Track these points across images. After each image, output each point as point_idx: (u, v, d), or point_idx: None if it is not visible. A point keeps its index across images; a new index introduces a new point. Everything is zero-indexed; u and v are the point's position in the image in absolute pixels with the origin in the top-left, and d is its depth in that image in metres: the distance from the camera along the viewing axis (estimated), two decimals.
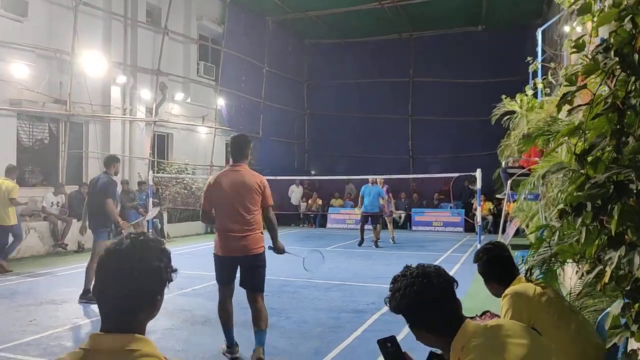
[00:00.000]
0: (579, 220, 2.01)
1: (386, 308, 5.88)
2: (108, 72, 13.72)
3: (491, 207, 16.67)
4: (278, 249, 4.71)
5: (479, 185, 9.97)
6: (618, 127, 2.00)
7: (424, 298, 1.78)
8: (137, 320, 1.49)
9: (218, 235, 4.46)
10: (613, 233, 1.86)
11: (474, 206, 15.63)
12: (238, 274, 4.56)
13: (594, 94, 2.11)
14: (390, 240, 13.63)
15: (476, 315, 5.97)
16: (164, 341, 4.99)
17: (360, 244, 12.88)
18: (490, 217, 16.81)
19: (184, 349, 4.77)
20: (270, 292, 7.26)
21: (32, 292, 7.19)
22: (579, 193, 2.02)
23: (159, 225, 13.75)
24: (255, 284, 4.42)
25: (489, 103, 15.27)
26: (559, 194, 3.22)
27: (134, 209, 13.17)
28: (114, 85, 14.03)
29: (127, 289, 1.45)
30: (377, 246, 12.76)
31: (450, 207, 17.77)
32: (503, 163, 10.19)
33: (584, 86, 2.15)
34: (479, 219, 10.11)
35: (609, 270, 1.90)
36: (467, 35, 20.61)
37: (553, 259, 2.67)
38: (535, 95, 11.35)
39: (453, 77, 20.52)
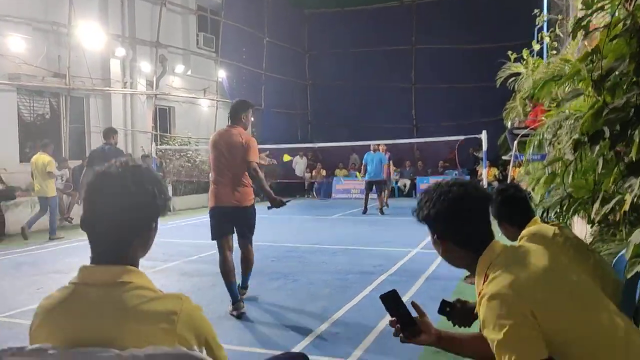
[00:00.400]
0: (597, 149, 1.92)
1: (394, 269, 5.79)
2: (106, 44, 13.53)
3: (496, 173, 16.55)
4: (273, 202, 4.86)
5: (484, 147, 9.84)
6: (638, 49, 1.90)
7: (460, 206, 1.69)
8: (130, 251, 1.41)
9: (212, 189, 4.82)
10: (634, 158, 1.78)
11: (479, 173, 15.53)
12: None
13: (612, 16, 2.00)
14: (380, 209, 12.92)
15: None
16: None
17: (364, 212, 12.84)
18: (495, 183, 16.68)
19: None
20: (276, 257, 7.28)
21: (39, 263, 7.20)
22: (595, 121, 1.93)
23: None
24: (245, 232, 4.88)
25: (493, 69, 15.03)
26: (569, 141, 3.12)
27: None
28: (113, 58, 13.86)
29: (119, 213, 1.35)
30: (382, 213, 12.72)
31: (455, 174, 17.66)
32: (509, 124, 10.04)
33: (601, 8, 2.04)
34: (484, 183, 10.00)
35: (629, 197, 1.82)
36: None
37: (567, 200, 2.59)
38: (541, 54, 11.15)
39: (456, 43, 20.18)
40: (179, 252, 7.58)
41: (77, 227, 11.04)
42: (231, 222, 4.78)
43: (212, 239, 4.79)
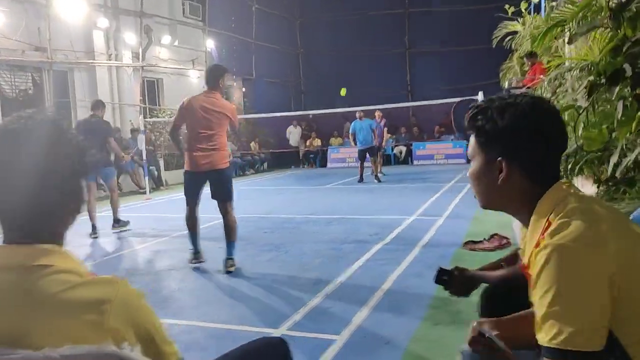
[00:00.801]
0: (616, 90, 1.64)
1: (390, 237, 5.52)
2: (88, 15, 13.03)
3: None
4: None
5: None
6: None
7: (540, 118, 1.28)
8: (48, 226, 1.13)
9: (188, 153, 4.93)
10: None
11: None
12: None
13: None
14: (375, 175, 12.70)
15: (484, 238, 5.75)
16: (162, 282, 4.77)
17: (360, 181, 12.60)
18: None
19: (180, 288, 4.55)
20: (269, 228, 7.07)
21: None
22: (614, 59, 1.65)
23: (156, 173, 13.47)
24: (224, 195, 4.97)
25: (489, 29, 14.61)
26: (580, 87, 2.83)
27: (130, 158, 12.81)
28: (96, 29, 13.40)
29: (31, 178, 1.07)
30: (378, 180, 12.49)
31: (452, 140, 17.41)
32: (506, 84, 9.72)
33: None
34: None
35: None
36: None
37: (573, 156, 2.32)
38: (539, 10, 10.75)
39: (450, 5, 19.67)
40: (170, 227, 7.34)
41: None
42: (204, 185, 5.04)
43: (185, 195, 5.10)
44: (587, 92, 1.74)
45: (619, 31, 1.65)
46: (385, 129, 13.92)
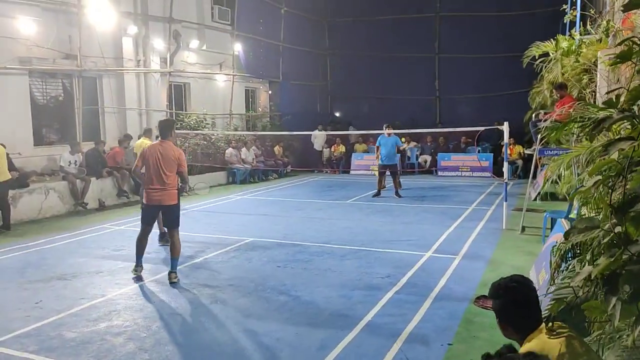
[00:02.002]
0: (613, 300, 1.56)
1: (403, 281, 5.45)
2: (118, 23, 13.22)
3: (521, 151, 15.96)
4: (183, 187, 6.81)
5: (506, 139, 9.31)
6: None
7: (512, 299, 2.31)
8: None
9: (145, 190, 6.28)
10: None
11: (502, 150, 14.99)
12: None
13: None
14: (396, 192, 12.63)
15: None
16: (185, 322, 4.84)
17: (376, 195, 12.55)
18: (520, 162, 16.16)
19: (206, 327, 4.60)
20: (282, 260, 7.08)
21: (44, 263, 7.14)
22: (613, 263, 1.57)
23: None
24: (171, 224, 6.36)
25: (521, 38, 14.28)
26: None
27: None
28: (125, 36, 13.57)
29: None
30: (399, 196, 12.42)
31: (479, 150, 17.13)
32: (532, 116, 9.48)
33: None
34: (506, 175, 9.53)
35: None
36: None
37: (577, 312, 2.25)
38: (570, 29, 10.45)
39: (482, 11, 19.28)
40: (184, 254, 7.39)
41: (90, 213, 11.13)
42: (158, 214, 6.57)
43: (141, 223, 6.44)
44: (583, 282, 1.68)
45: (619, 229, 1.58)
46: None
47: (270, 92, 20.29)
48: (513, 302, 2.28)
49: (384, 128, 12.56)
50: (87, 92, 12.99)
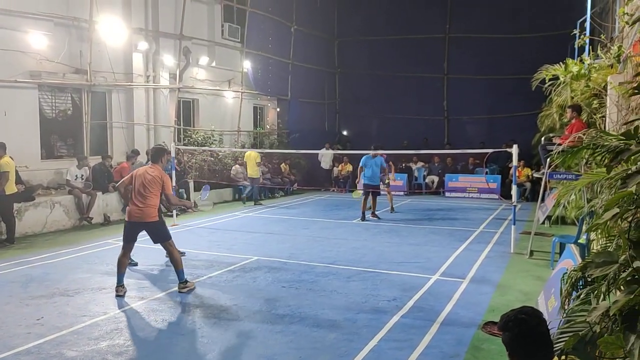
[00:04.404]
0: (632, 338, 1.49)
1: (409, 304, 5.35)
2: (129, 38, 13.34)
3: (529, 174, 15.85)
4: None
5: (514, 161, 9.22)
6: None
7: (518, 334, 2.24)
8: None
9: (129, 207, 6.52)
10: None
11: (510, 172, 14.89)
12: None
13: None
14: (391, 208, 13.56)
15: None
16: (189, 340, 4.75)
17: (362, 219, 12.24)
18: (528, 184, 16.03)
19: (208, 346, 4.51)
20: (288, 281, 6.98)
21: (47, 278, 7.08)
22: (632, 300, 1.50)
23: (184, 196, 13.57)
24: (161, 238, 6.62)
25: (529, 60, 14.29)
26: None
27: None
28: (136, 52, 13.67)
29: None
30: (377, 217, 12.40)
31: (486, 172, 17.02)
32: (542, 139, 9.40)
33: None
34: (514, 197, 9.42)
35: None
36: None
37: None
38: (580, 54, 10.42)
39: (491, 32, 19.36)
40: (189, 273, 7.32)
41: (94, 228, 11.10)
42: (139, 233, 6.58)
43: (123, 241, 6.56)
44: (599, 318, 1.61)
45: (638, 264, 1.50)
46: (390, 163, 14.12)
47: (278, 109, 20.33)
48: (523, 335, 2.20)
49: (372, 148, 12.44)
50: (95, 106, 13.06)
